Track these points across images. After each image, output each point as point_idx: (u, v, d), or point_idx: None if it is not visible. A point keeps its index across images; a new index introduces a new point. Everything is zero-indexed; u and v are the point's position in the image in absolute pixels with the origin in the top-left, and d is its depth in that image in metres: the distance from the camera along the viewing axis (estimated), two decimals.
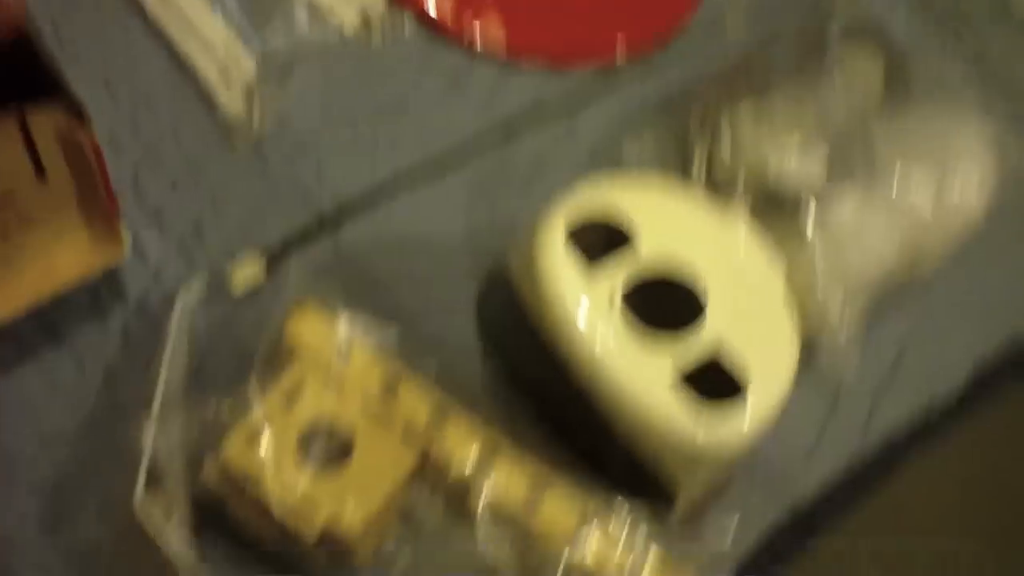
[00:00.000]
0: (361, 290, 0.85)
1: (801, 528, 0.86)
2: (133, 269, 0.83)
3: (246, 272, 0.83)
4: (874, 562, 0.87)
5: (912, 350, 0.95)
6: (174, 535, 0.69)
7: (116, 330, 0.81)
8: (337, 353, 0.74)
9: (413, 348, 0.78)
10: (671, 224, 0.78)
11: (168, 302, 0.80)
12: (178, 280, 0.83)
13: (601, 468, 0.78)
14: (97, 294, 0.82)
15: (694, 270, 0.75)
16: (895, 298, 0.94)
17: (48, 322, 0.80)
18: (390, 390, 0.74)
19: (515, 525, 0.72)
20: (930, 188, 0.90)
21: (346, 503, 0.69)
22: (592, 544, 0.72)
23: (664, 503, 0.78)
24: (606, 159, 0.94)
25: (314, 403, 0.72)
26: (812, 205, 0.86)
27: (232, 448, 0.70)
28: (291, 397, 0.72)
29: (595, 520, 0.73)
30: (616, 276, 0.74)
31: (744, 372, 0.74)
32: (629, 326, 0.72)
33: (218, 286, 0.83)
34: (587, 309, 0.73)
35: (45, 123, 0.70)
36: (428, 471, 0.74)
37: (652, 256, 0.75)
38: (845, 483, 0.89)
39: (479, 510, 0.72)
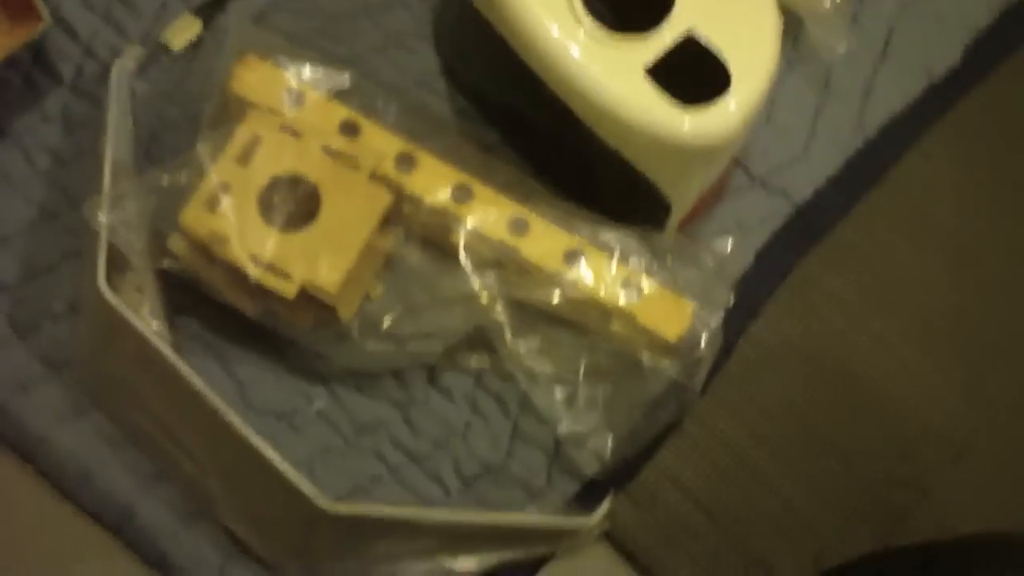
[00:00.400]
0: (310, 30, 0.79)
1: (801, 233, 0.83)
2: (63, 47, 0.77)
3: (183, 31, 0.77)
4: (881, 253, 0.83)
5: (904, 25, 0.88)
6: (146, 315, 0.66)
7: (56, 114, 0.76)
8: (288, 102, 0.69)
9: (372, 90, 0.73)
10: None
11: (105, 76, 0.75)
12: (112, 52, 0.77)
13: (587, 198, 0.74)
14: (30, 79, 0.77)
15: None
16: None
17: None
18: (351, 132, 0.69)
19: (499, 259, 0.69)
20: None
21: (321, 257, 0.65)
22: (581, 275, 0.69)
23: (658, 226, 0.74)
24: None
25: (271, 157, 0.67)
26: None
27: (191, 215, 0.66)
28: (245, 155, 0.67)
29: (583, 251, 0.69)
30: None
31: (724, 58, 0.67)
32: (595, 22, 0.66)
33: (156, 50, 0.78)
34: (544, 6, 0.66)
35: None
36: (402, 214, 0.69)
37: None
38: (844, 176, 0.84)
39: (460, 246, 0.68)
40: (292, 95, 0.69)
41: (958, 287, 0.85)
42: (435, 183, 0.68)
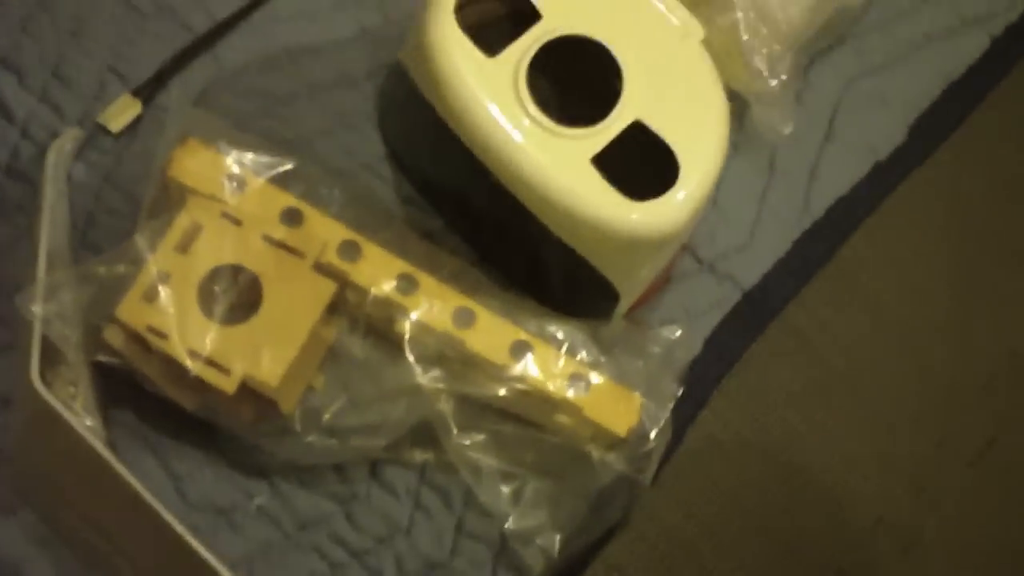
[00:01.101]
0: (255, 110, 0.78)
1: (749, 318, 0.82)
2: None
3: (121, 112, 0.76)
4: (827, 338, 0.83)
5: (848, 105, 0.89)
6: (80, 410, 0.64)
7: None
8: (229, 189, 0.67)
9: (316, 175, 0.71)
10: None
11: (41, 158, 0.73)
12: (50, 133, 0.75)
13: (533, 286, 0.73)
14: None
15: (602, 41, 0.67)
16: (824, 49, 0.88)
17: None
18: (294, 220, 0.67)
19: (444, 352, 0.67)
20: None
21: (263, 350, 0.63)
22: (528, 368, 0.67)
23: (605, 315, 0.74)
24: None
25: (212, 246, 0.65)
26: None
27: (128, 308, 0.64)
28: (185, 243, 0.65)
29: (530, 344, 0.68)
30: (520, 57, 0.66)
31: (672, 147, 0.67)
32: (541, 111, 0.65)
33: (94, 132, 0.76)
34: (489, 93, 0.65)
35: None
36: (347, 304, 0.68)
37: (557, 31, 0.67)
38: (792, 259, 0.84)
39: (405, 339, 0.66)
40: (233, 181, 0.67)
41: (904, 374, 0.85)
42: (380, 273, 0.67)
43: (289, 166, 0.69)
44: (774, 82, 0.80)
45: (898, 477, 0.82)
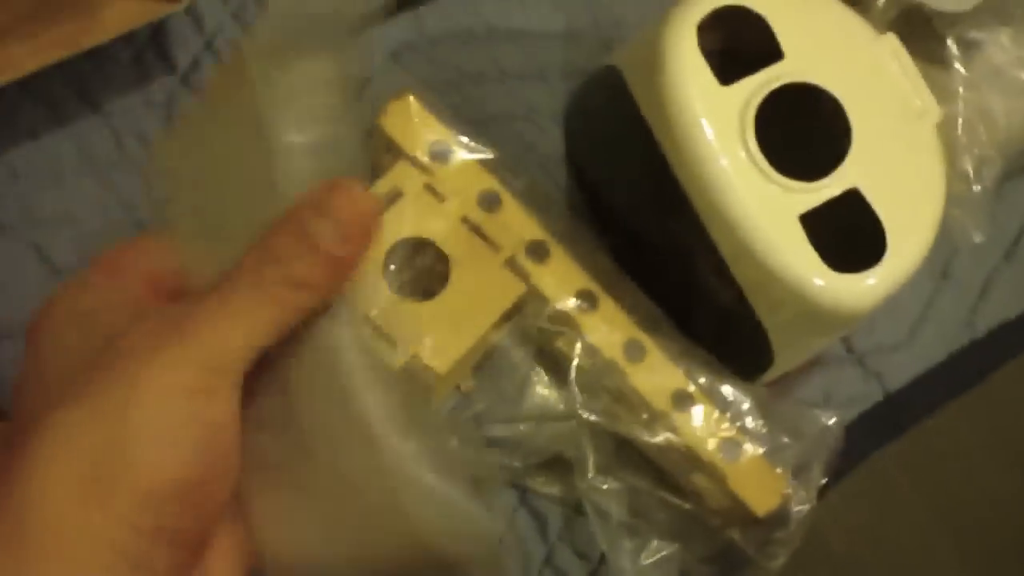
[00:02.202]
0: (443, 82, 0.75)
1: (886, 422, 0.78)
2: (184, 34, 0.72)
3: None
4: (959, 462, 0.79)
5: None
6: None
7: (160, 102, 0.71)
8: (432, 157, 0.63)
9: (506, 163, 0.68)
10: (818, 38, 0.65)
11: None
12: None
13: (683, 330, 0.69)
14: (142, 60, 0.72)
15: (839, 97, 0.63)
16: None
17: (86, 89, 0.70)
18: (491, 205, 0.64)
19: (604, 382, 0.63)
20: None
21: (436, 334, 0.59)
22: (688, 421, 0.63)
23: (748, 379, 0.69)
24: None
25: (409, 216, 0.61)
26: (960, 32, 0.75)
27: None
28: (383, 205, 0.62)
29: (694, 396, 0.64)
30: (753, 92, 0.62)
31: (881, 226, 0.63)
32: (762, 155, 0.61)
33: None
34: (713, 119, 0.61)
35: None
36: (523, 309, 0.64)
37: (796, 75, 0.63)
38: (943, 373, 0.80)
39: (574, 361, 0.62)
40: (439, 149, 0.64)
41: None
42: (563, 283, 0.63)
43: (490, 155, 0.66)
44: (977, 187, 0.76)
45: None
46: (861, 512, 0.76)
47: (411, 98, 0.65)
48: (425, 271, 0.61)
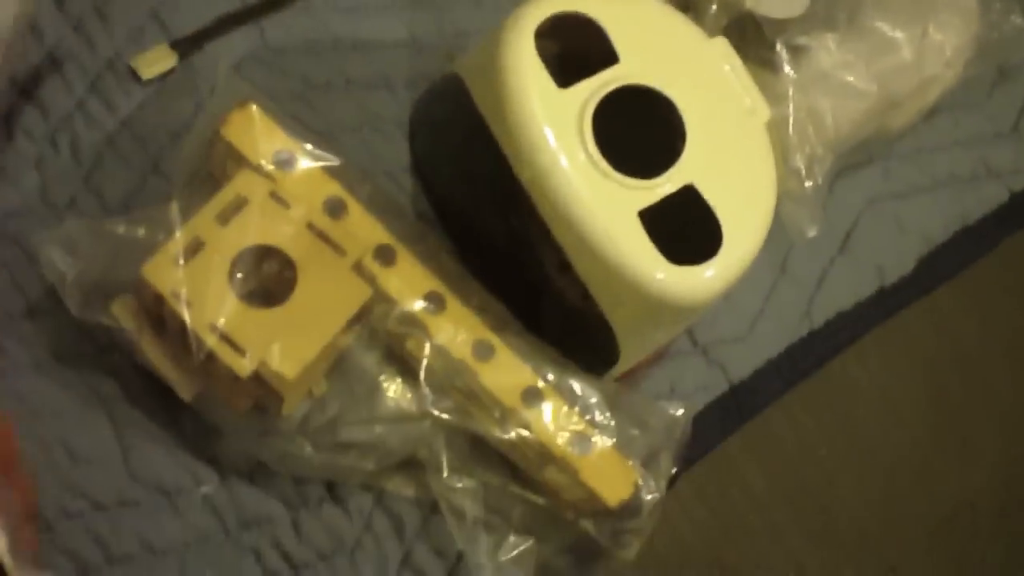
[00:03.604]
0: (287, 92, 0.75)
1: (731, 411, 0.81)
2: (23, 44, 0.71)
3: (156, 61, 0.72)
4: (800, 446, 0.82)
5: (866, 223, 0.88)
6: None
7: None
8: (277, 166, 0.64)
9: (352, 171, 0.69)
10: (652, 43, 0.68)
11: (62, 86, 0.70)
12: (77, 65, 0.72)
13: (530, 329, 0.71)
14: None
15: (673, 99, 0.66)
16: (854, 165, 0.88)
17: None
18: (337, 212, 0.64)
19: (455, 382, 0.65)
20: (913, 30, 0.83)
21: (285, 340, 0.59)
22: (538, 417, 0.65)
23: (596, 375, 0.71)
24: None
25: (254, 224, 0.61)
26: (788, 38, 0.78)
27: (157, 267, 0.59)
28: (226, 215, 0.61)
29: (544, 393, 0.66)
30: (590, 94, 0.64)
31: (716, 220, 0.65)
32: (600, 153, 0.63)
33: (123, 73, 0.72)
34: (552, 122, 0.63)
35: None
36: (371, 313, 0.64)
37: (631, 77, 0.65)
38: (784, 363, 0.83)
39: (423, 362, 0.63)
40: (283, 157, 0.64)
41: (866, 498, 0.84)
42: (410, 286, 0.64)
43: (336, 162, 0.67)
44: (809, 183, 0.79)
45: None
46: (711, 499, 0.78)
47: (253, 107, 0.65)
48: (272, 278, 0.61)
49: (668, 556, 0.75)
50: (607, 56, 0.65)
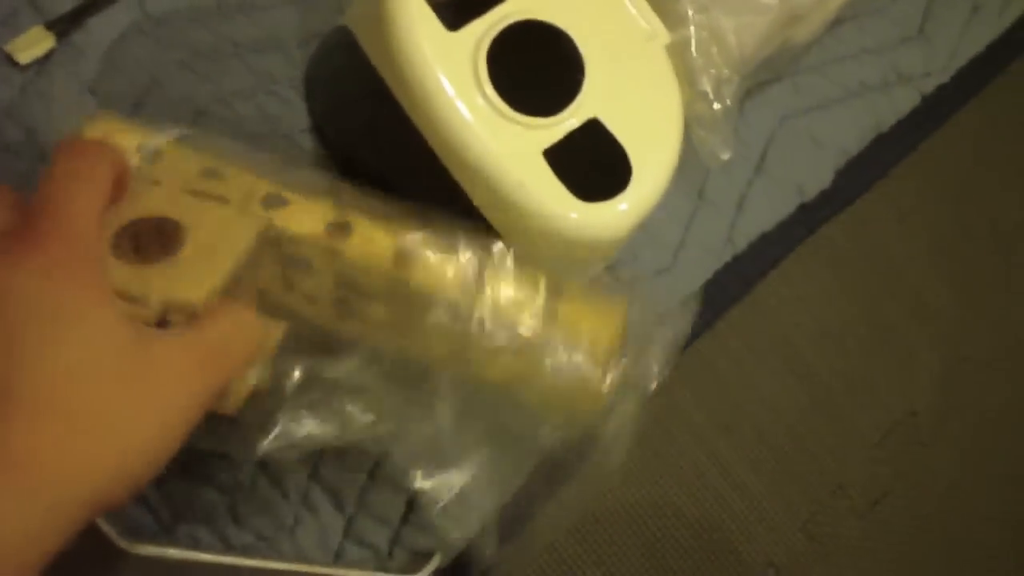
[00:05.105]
0: (174, 62, 0.72)
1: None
2: None
3: (32, 44, 0.69)
4: (735, 372, 0.82)
5: (781, 141, 0.87)
6: None
7: None
8: (143, 159, 0.60)
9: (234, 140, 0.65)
10: None
11: None
12: None
13: None
14: None
15: (568, 31, 0.64)
16: (762, 83, 0.87)
17: None
18: (214, 176, 0.61)
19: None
20: None
21: (188, 275, 0.54)
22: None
23: None
24: None
25: (129, 205, 0.57)
26: None
27: None
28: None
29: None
30: (482, 35, 0.62)
31: (624, 152, 0.64)
32: (499, 95, 0.61)
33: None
34: (445, 67, 0.61)
35: None
36: (272, 250, 0.59)
37: (522, 13, 0.63)
38: (710, 291, 0.82)
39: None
40: (148, 149, 0.60)
41: (806, 417, 0.84)
42: (309, 217, 0.59)
43: (188, 131, 0.62)
44: (718, 106, 0.77)
45: (792, 521, 0.80)
46: (653, 439, 0.78)
47: (103, 117, 0.60)
48: (166, 240, 0.56)
49: (613, 500, 0.75)
50: None
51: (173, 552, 0.63)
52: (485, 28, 0.62)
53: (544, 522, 0.63)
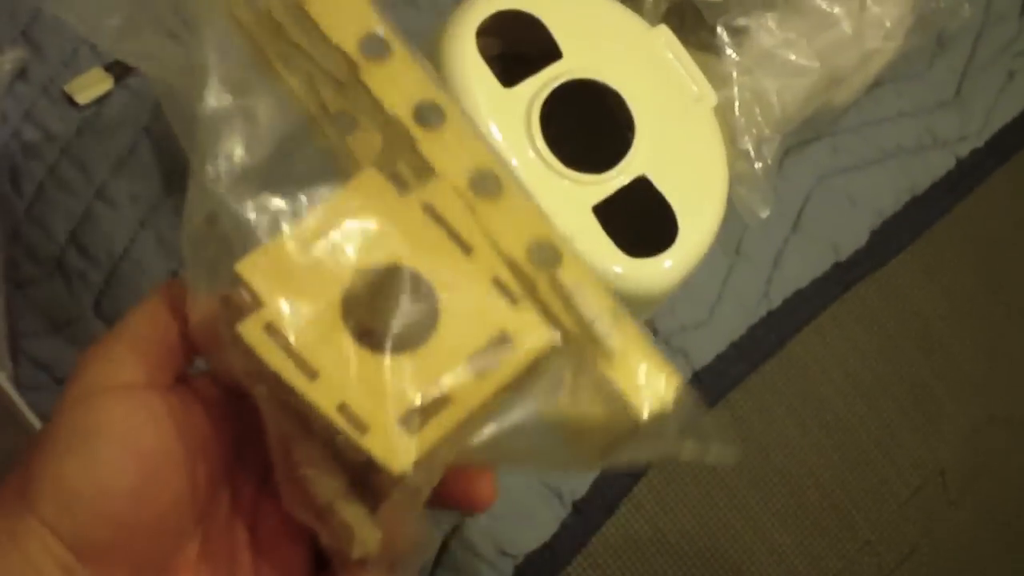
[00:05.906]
0: None
1: (704, 394, 0.80)
2: None
3: (91, 85, 0.71)
4: (766, 426, 0.82)
5: (818, 200, 0.88)
6: None
7: None
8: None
9: None
10: (595, 36, 0.67)
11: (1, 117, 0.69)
12: (8, 92, 0.70)
13: None
14: None
15: (620, 91, 0.65)
16: (801, 142, 0.88)
17: None
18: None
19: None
20: (851, 3, 0.83)
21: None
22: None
23: None
24: None
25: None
26: (728, 20, 0.78)
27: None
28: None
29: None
30: (535, 92, 0.63)
31: (671, 209, 0.65)
32: (550, 151, 0.63)
33: (58, 100, 0.71)
34: (499, 122, 0.62)
35: None
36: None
37: (575, 72, 0.65)
38: (745, 345, 0.83)
39: None
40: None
41: (836, 473, 0.84)
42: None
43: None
44: (759, 165, 0.79)
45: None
46: (683, 488, 0.79)
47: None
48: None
49: (645, 546, 0.76)
50: (550, 52, 0.64)
51: None
52: (539, 86, 0.63)
53: None
